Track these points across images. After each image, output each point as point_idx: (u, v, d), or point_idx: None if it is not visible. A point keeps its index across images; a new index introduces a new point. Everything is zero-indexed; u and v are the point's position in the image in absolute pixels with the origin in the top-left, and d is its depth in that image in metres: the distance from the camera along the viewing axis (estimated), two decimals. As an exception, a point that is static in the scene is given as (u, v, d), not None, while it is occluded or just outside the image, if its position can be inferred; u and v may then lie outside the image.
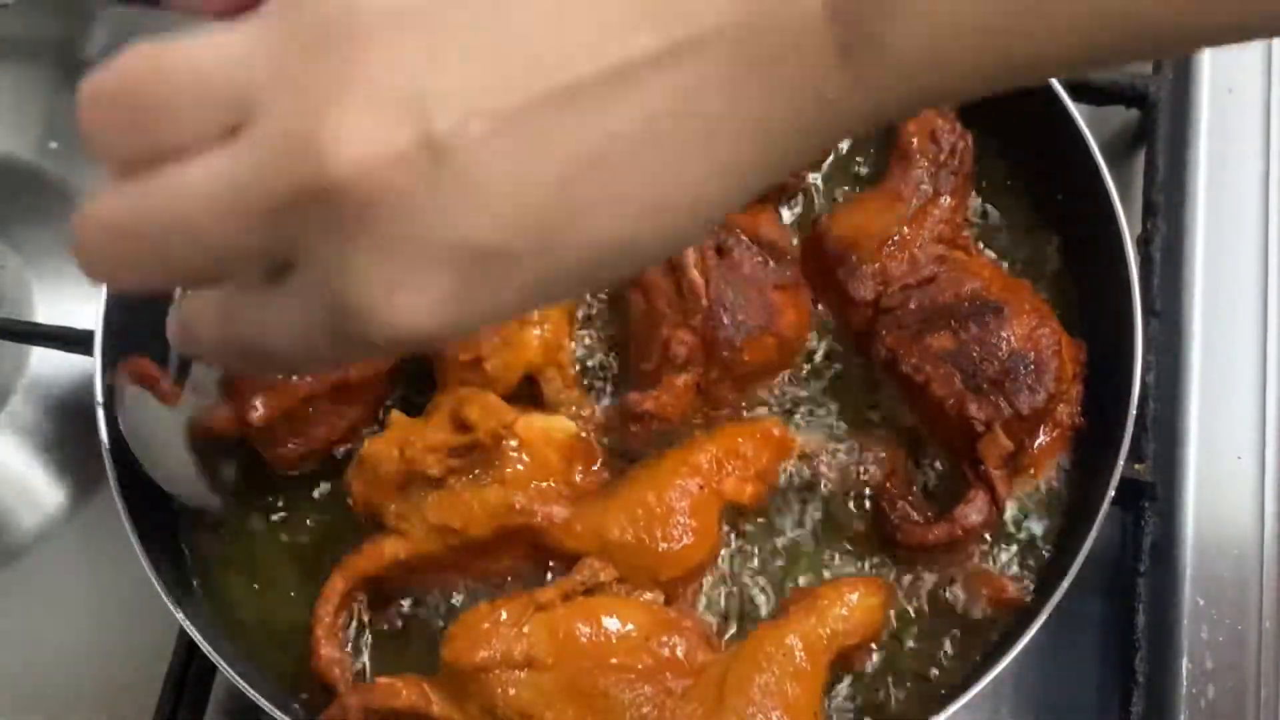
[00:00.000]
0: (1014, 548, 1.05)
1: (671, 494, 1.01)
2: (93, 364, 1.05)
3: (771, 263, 1.06)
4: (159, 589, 0.99)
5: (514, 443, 1.01)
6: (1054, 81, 1.09)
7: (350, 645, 1.04)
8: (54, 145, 1.34)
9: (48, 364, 1.25)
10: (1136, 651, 1.05)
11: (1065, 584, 0.97)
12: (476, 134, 0.51)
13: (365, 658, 1.04)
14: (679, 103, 0.54)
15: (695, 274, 1.03)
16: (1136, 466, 1.08)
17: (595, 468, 1.05)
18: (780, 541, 1.06)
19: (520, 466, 1.01)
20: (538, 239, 0.54)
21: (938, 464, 1.07)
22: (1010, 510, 1.05)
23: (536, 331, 1.05)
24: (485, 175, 0.51)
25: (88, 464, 1.21)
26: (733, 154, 0.56)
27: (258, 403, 1.02)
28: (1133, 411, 1.02)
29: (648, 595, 1.00)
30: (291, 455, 1.06)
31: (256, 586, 1.08)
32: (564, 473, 1.02)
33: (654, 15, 0.53)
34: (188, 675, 1.08)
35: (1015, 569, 1.05)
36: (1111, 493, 1.00)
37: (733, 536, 1.05)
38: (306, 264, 0.53)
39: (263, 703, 0.97)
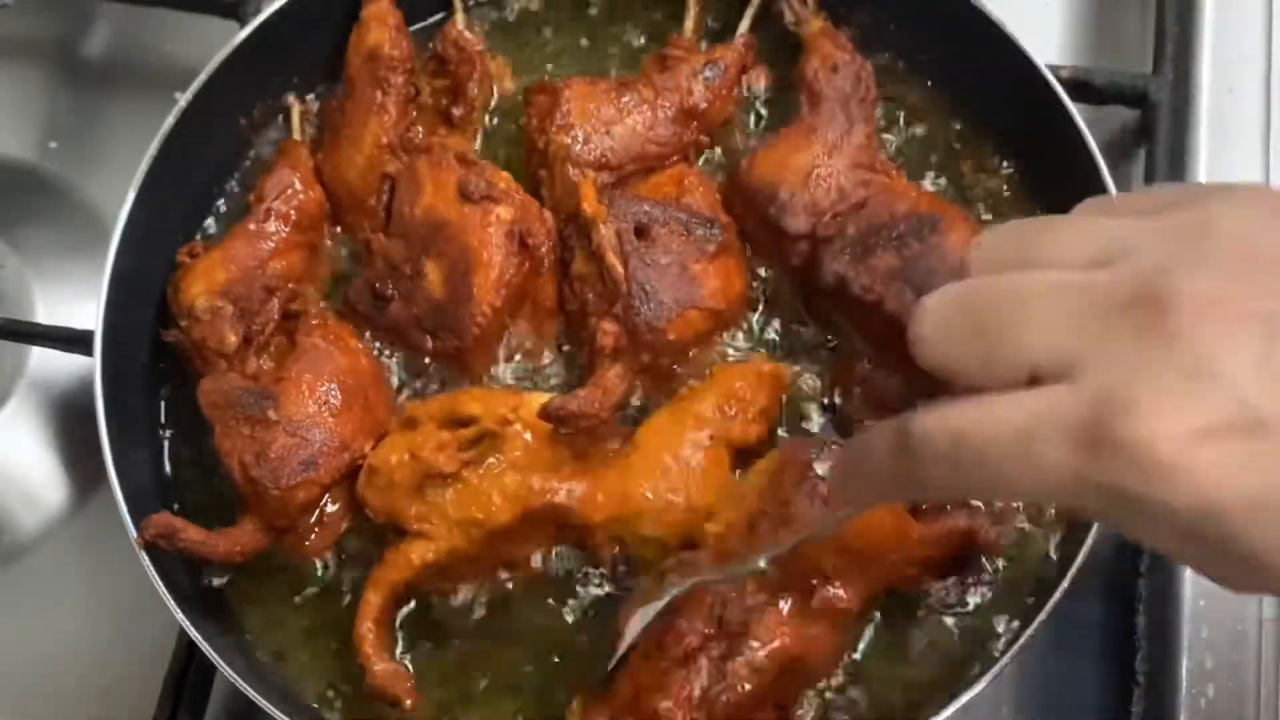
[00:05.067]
0: (1013, 548, 1.05)
1: (686, 450, 1.02)
2: (93, 364, 1.05)
3: (698, 231, 1.06)
4: (159, 589, 0.99)
5: (518, 425, 1.02)
6: (1054, 81, 1.09)
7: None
8: (54, 145, 1.34)
9: (48, 364, 1.25)
10: (1136, 651, 1.05)
11: (1065, 584, 0.97)
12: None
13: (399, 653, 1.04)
14: None
15: (614, 259, 1.03)
16: (1136, 467, 1.08)
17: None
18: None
19: (527, 446, 1.01)
20: None
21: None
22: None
23: None
24: None
25: (88, 464, 1.21)
26: None
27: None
28: (1133, 411, 1.01)
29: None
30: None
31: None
32: (569, 444, 1.02)
33: None
34: (188, 675, 1.08)
35: (1014, 569, 1.05)
36: (1111, 493, 1.00)
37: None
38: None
39: (263, 703, 0.97)
